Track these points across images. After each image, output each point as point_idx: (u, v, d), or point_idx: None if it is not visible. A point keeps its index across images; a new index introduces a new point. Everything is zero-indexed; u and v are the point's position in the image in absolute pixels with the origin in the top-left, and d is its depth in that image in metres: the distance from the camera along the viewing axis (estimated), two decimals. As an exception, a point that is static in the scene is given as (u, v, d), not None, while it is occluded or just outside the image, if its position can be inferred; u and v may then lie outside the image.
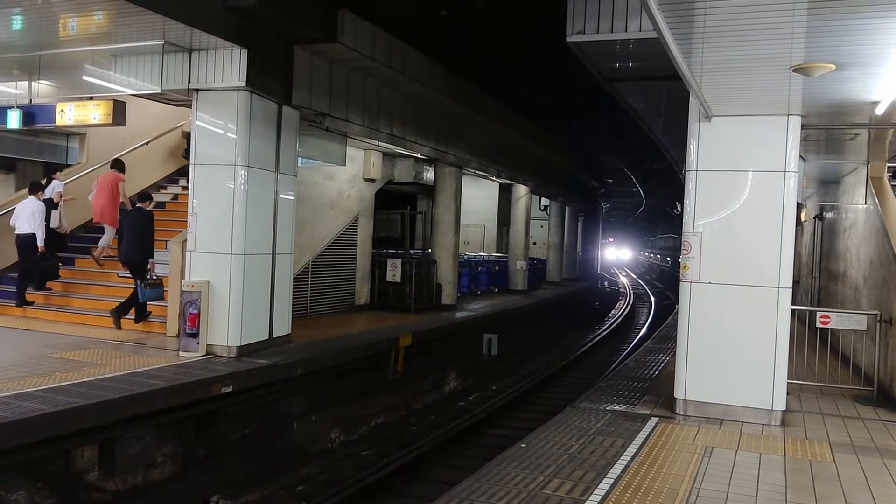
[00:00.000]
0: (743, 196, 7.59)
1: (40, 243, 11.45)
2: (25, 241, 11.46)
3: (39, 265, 11.60)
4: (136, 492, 7.58)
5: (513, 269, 23.26)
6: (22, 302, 11.58)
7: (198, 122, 9.65)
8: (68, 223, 12.73)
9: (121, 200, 12.15)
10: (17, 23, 8.34)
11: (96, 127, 11.27)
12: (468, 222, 23.92)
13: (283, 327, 10.45)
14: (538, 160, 23.74)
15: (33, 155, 15.22)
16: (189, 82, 9.40)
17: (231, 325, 9.42)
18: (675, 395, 7.89)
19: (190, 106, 9.85)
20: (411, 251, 17.41)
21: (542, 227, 29.23)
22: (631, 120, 13.32)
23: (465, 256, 21.80)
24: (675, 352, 8.86)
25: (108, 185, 12.15)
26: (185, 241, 9.87)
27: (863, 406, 8.35)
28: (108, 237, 12.27)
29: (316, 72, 10.86)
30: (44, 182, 12.44)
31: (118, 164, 12.52)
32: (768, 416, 7.47)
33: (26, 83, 10.30)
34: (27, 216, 11.45)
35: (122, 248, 10.78)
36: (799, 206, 10.03)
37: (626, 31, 7.71)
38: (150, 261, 10.40)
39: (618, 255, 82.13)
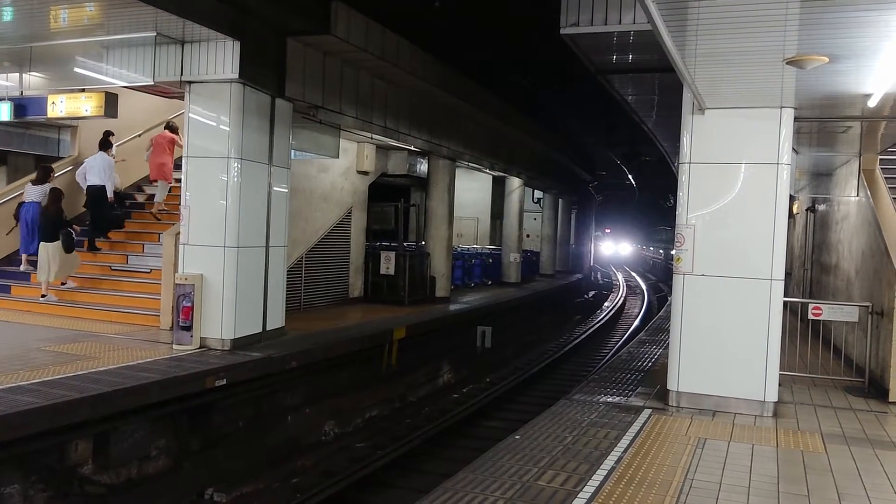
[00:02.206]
0: (736, 188, 7.61)
1: (110, 194, 12.38)
2: (96, 193, 12.30)
3: (108, 215, 12.47)
4: (130, 485, 7.58)
5: (506, 261, 23.29)
6: (91, 247, 12.37)
7: (190, 115, 9.61)
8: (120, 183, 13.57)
9: (174, 158, 13.00)
10: (7, 14, 8.28)
11: (88, 119, 11.22)
12: (462, 215, 23.94)
13: (276, 320, 10.44)
14: (532, 153, 23.74)
15: (24, 147, 15.12)
16: (181, 74, 9.36)
17: (225, 318, 9.40)
18: (668, 387, 7.92)
19: (182, 98, 9.81)
20: (405, 244, 17.42)
21: (535, 219, 29.28)
22: (624, 112, 13.33)
23: (459, 249, 21.82)
24: (667, 344, 8.89)
25: (165, 144, 12.95)
26: (178, 233, 9.85)
27: (854, 397, 8.40)
28: (163, 192, 13.05)
29: (309, 64, 10.82)
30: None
31: (172, 126, 13.24)
32: (761, 407, 7.50)
33: (17, 75, 10.25)
34: (98, 170, 12.29)
35: None
36: (791, 199, 10.08)
37: (619, 23, 7.71)
38: None
39: (616, 249, 72.98)
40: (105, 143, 12.69)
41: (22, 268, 12.13)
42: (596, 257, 47.60)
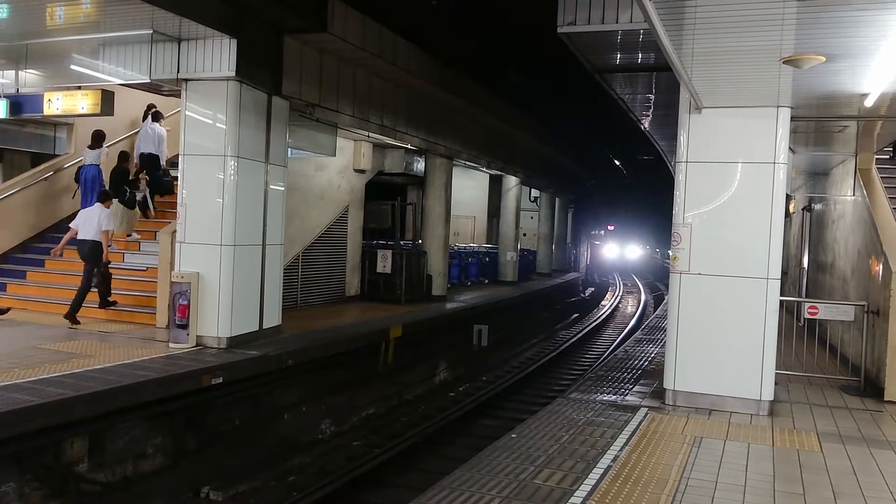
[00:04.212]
0: (732, 187, 7.63)
1: (163, 162, 12.91)
2: (148, 160, 12.81)
3: (161, 181, 12.97)
4: (126, 483, 7.56)
5: (503, 260, 23.29)
6: (143, 212, 13.01)
7: (187, 113, 9.59)
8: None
9: None
10: (3, 11, 8.25)
11: (84, 117, 11.19)
12: (458, 213, 23.89)
13: (273, 318, 10.43)
14: (529, 151, 23.74)
15: (20, 145, 15.05)
16: (178, 72, 9.33)
17: (221, 316, 9.39)
18: (664, 386, 7.94)
19: (179, 96, 9.79)
20: (402, 242, 17.40)
21: (532, 218, 29.25)
22: (621, 111, 13.32)
23: (456, 247, 21.81)
24: (664, 342, 8.90)
25: None
26: (175, 231, 9.83)
27: (850, 396, 8.43)
28: None
29: (306, 62, 10.80)
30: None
31: None
32: (756, 406, 7.52)
33: (13, 72, 10.20)
34: (151, 139, 12.82)
35: None
36: (788, 198, 10.09)
37: (617, 21, 7.71)
38: None
39: (621, 252, 60.81)
40: (156, 115, 13.07)
41: None
42: (594, 260, 45.84)
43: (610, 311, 28.48)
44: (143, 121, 13.11)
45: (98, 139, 12.83)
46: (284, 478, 8.59)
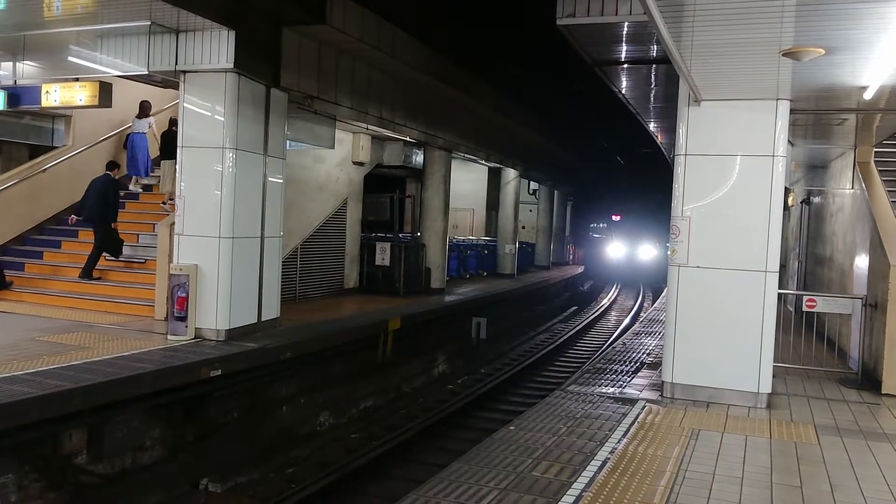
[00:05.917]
0: (731, 180, 7.62)
1: None
2: None
3: None
4: (124, 475, 7.58)
5: (501, 252, 23.30)
6: None
7: (185, 105, 9.57)
8: None
9: None
10: (0, 2, 8.22)
11: (82, 108, 11.16)
12: (457, 206, 23.87)
13: (271, 311, 10.43)
14: (527, 144, 23.71)
15: (18, 137, 15.03)
16: (176, 64, 9.30)
17: (219, 309, 9.38)
18: (662, 378, 7.96)
19: (177, 88, 9.76)
20: (400, 235, 17.40)
21: (530, 210, 29.24)
22: (620, 104, 13.30)
23: (454, 240, 21.81)
24: (662, 335, 8.90)
25: None
26: (174, 224, 9.82)
27: (847, 389, 8.44)
28: None
29: (305, 54, 10.78)
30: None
31: None
32: (754, 398, 7.53)
33: (11, 64, 10.18)
34: None
35: None
36: (786, 191, 10.10)
37: (616, 14, 7.69)
38: None
39: (631, 250, 44.07)
40: None
41: (131, 187, 13.90)
42: (591, 259, 39.55)
43: (609, 303, 28.49)
44: None
45: (144, 109, 13.63)
46: (283, 470, 8.61)
